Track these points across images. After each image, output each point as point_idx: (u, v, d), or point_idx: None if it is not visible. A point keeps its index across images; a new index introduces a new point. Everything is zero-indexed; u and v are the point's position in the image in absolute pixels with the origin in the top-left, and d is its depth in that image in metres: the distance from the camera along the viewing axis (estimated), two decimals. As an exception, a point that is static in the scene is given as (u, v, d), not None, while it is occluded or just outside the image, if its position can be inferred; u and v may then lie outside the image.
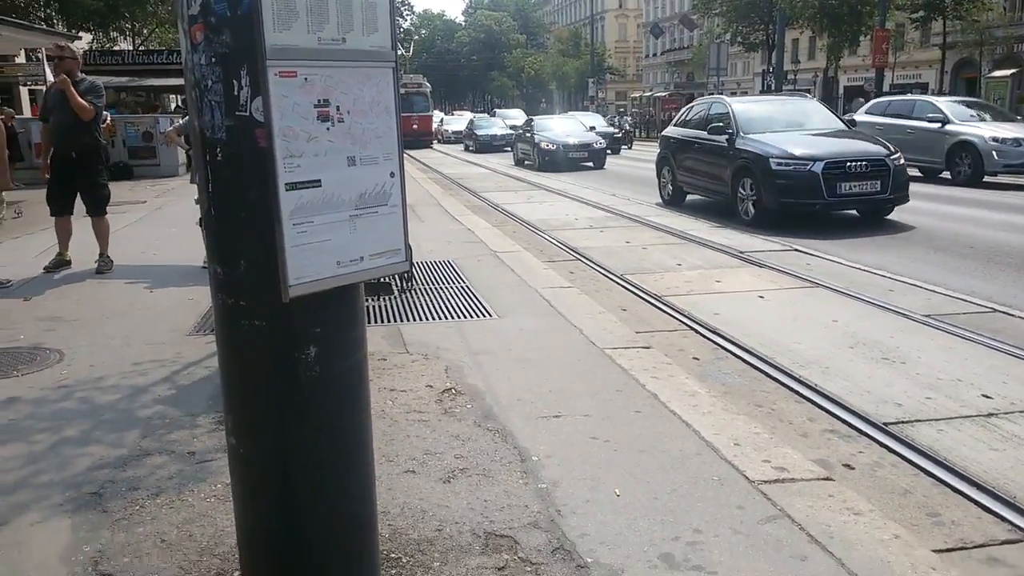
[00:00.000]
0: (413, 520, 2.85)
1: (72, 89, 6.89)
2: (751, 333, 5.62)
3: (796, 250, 8.86)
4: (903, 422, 4.08)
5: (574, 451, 3.45)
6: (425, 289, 6.54)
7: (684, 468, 3.30)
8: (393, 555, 2.60)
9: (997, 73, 22.52)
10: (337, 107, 1.90)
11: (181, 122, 7.77)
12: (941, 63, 33.69)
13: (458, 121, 44.99)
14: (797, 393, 4.50)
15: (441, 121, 45.41)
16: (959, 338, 5.43)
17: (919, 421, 4.09)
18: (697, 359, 5.15)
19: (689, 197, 13.25)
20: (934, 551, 2.80)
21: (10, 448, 3.45)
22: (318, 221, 1.90)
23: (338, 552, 2.16)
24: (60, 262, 7.29)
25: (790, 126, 11.57)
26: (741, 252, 8.70)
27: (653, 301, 6.62)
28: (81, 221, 7.46)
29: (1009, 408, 4.21)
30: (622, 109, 59.86)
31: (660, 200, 13.67)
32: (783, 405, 4.35)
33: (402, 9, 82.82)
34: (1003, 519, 3.13)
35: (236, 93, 1.82)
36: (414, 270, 6.87)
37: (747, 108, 12.20)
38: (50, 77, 9.13)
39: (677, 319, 6.06)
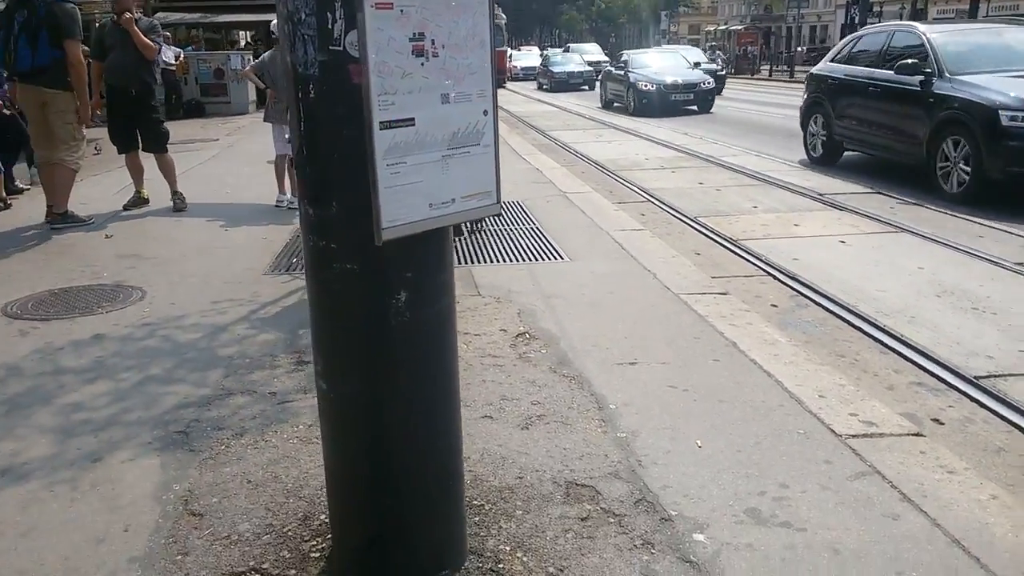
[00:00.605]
0: (493, 467, 2.84)
1: (136, 27, 6.91)
2: (832, 279, 5.43)
3: (880, 193, 8.50)
4: (995, 376, 3.90)
5: (652, 400, 3.39)
6: (495, 230, 6.48)
7: (767, 420, 3.21)
8: (476, 502, 2.60)
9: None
10: (432, 41, 1.82)
11: (261, 58, 7.74)
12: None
13: (529, 57, 43.11)
14: (881, 343, 4.34)
15: (510, 57, 42.83)
16: (1057, 288, 5.16)
17: (1013, 375, 3.91)
18: (776, 306, 5.01)
19: (847, 154, 10.44)
20: (1035, 514, 2.68)
21: (99, 385, 3.55)
22: (411, 161, 1.84)
23: (426, 497, 2.15)
24: (138, 200, 7.44)
25: (1012, 64, 8.38)
26: (821, 195, 8.39)
27: (728, 245, 6.44)
28: (151, 159, 7.56)
29: (1113, 363, 3.99)
30: (694, 43, 57.91)
31: (806, 157, 10.87)
32: (867, 356, 4.20)
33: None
34: (1108, 481, 2.98)
35: (330, 26, 1.76)
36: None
37: (951, 39, 9.05)
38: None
39: (754, 264, 5.89)
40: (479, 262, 5.61)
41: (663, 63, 20.80)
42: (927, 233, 6.62)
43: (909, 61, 8.77)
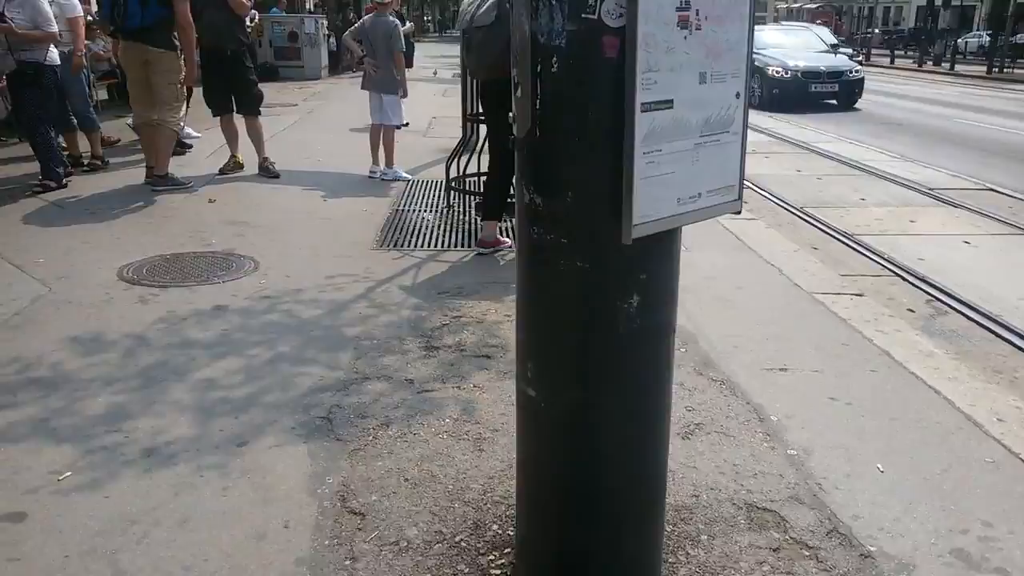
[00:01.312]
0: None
1: None
2: (966, 284, 5.09)
3: (992, 190, 8.04)
4: None
5: (815, 413, 3.15)
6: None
7: (948, 445, 2.95)
8: (659, 523, 2.40)
9: None
10: (697, 11, 1.59)
11: (360, 23, 7.54)
12: None
13: None
14: (1040, 360, 4.02)
15: None
16: None
17: None
18: (912, 311, 4.70)
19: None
20: None
21: (230, 361, 3.43)
22: (666, 150, 1.62)
23: (630, 523, 1.97)
24: (234, 165, 7.35)
25: None
26: (930, 189, 7.97)
27: (845, 240, 6.11)
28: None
29: None
30: (760, 20, 56.26)
31: None
32: (1027, 374, 3.90)
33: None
34: None
35: None
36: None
37: None
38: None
39: (878, 263, 5.56)
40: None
41: (794, 43, 16.86)
42: (1058, 238, 6.21)
43: None
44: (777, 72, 15.32)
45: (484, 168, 6.21)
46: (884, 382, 3.45)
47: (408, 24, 9.04)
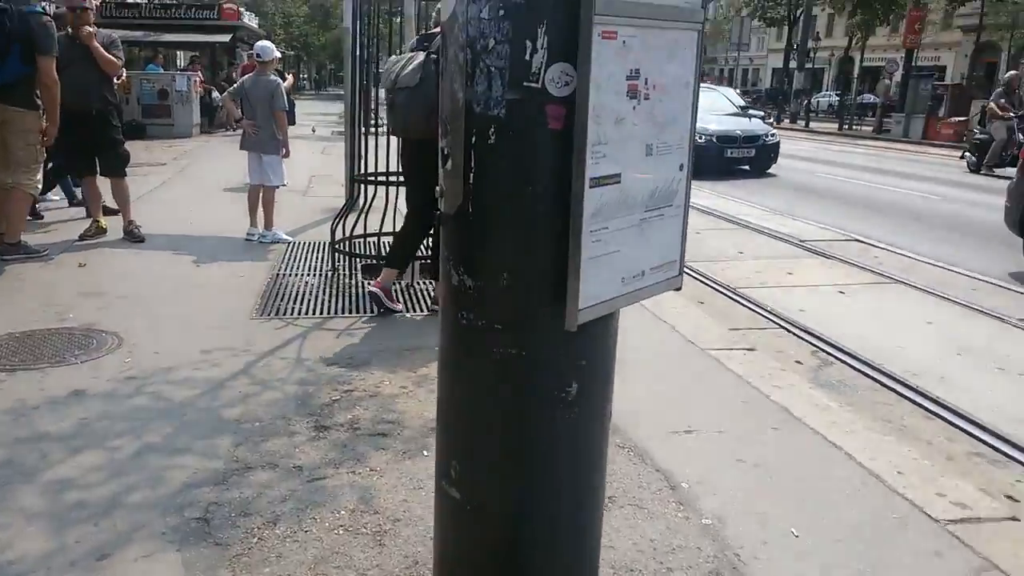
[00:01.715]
0: (580, 565, 2.47)
1: (96, 42, 6.39)
2: (847, 335, 5.24)
3: (858, 240, 8.48)
4: (1051, 446, 3.72)
5: (725, 477, 3.08)
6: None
7: (855, 502, 2.94)
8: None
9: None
10: (646, 79, 1.50)
11: (240, 83, 7.24)
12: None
13: None
14: (923, 408, 4.13)
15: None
16: (1071, 347, 5.09)
17: (1068, 445, 3.74)
18: (800, 363, 4.77)
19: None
20: None
21: (89, 456, 3.05)
22: (612, 227, 1.51)
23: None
24: (97, 230, 6.83)
25: None
26: (802, 241, 8.31)
27: (729, 294, 6.23)
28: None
29: None
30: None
31: None
32: (914, 422, 3.98)
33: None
34: None
35: (528, 57, 1.42)
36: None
37: None
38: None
39: (763, 316, 5.67)
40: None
41: (703, 105, 16.36)
42: (922, 286, 6.54)
43: None
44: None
45: (372, 229, 6.03)
46: (787, 440, 3.44)
47: (288, 78, 8.78)
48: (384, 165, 5.81)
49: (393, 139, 5.81)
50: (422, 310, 5.14)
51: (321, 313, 5.02)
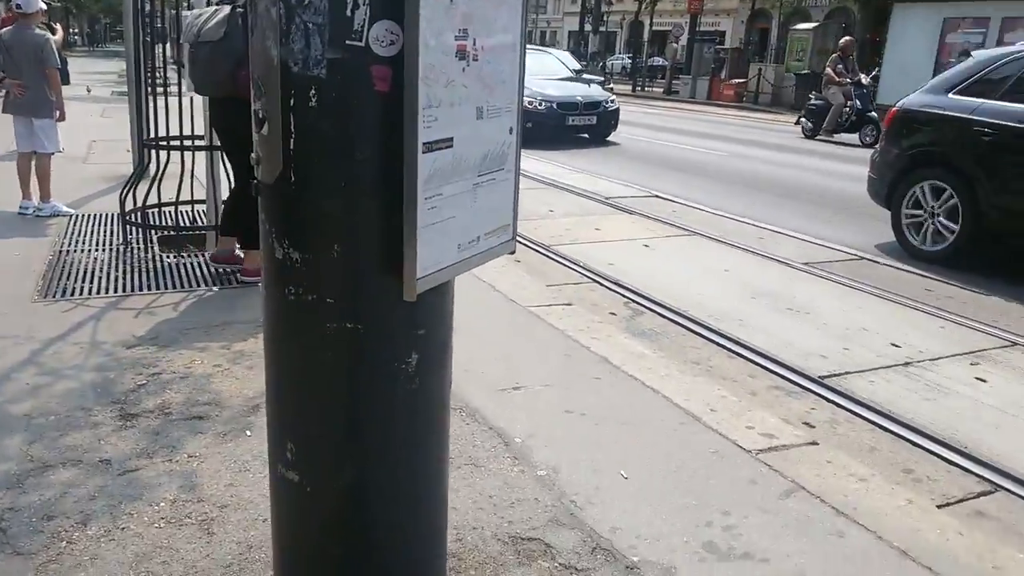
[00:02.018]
0: (423, 529, 2.44)
1: None
2: (654, 286, 5.53)
3: (657, 196, 8.95)
4: (835, 375, 4.13)
5: (555, 429, 3.16)
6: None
7: (676, 441, 3.11)
8: (429, 580, 2.20)
9: (801, 26, 24.10)
10: (474, 40, 1.43)
11: None
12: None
13: None
14: (727, 349, 4.44)
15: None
16: (843, 286, 5.66)
17: (848, 373, 4.16)
18: (614, 314, 4.98)
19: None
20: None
21: None
22: (447, 192, 1.45)
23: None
24: None
25: None
26: (607, 198, 8.65)
27: (543, 251, 6.38)
28: None
29: (919, 356, 4.40)
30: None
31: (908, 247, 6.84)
32: (719, 362, 4.28)
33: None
34: (968, 471, 3.21)
35: (349, 14, 1.32)
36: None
37: None
38: None
39: (576, 271, 5.86)
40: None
41: (538, 69, 13.81)
42: (717, 236, 7.02)
43: None
44: (531, 103, 12.75)
45: (166, 198, 5.58)
46: (609, 388, 3.57)
47: (57, 31, 7.81)
48: (178, 128, 5.38)
49: (186, 101, 5.42)
50: (228, 284, 4.85)
51: (115, 292, 4.61)
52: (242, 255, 4.98)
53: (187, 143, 5.40)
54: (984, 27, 17.46)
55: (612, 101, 14.11)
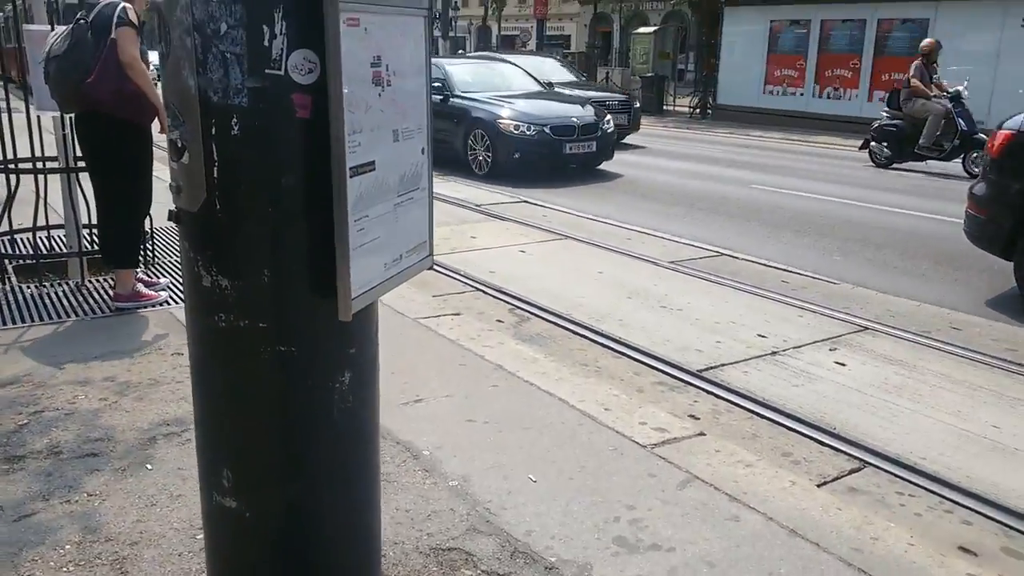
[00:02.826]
0: (346, 549, 2.46)
1: None
2: (536, 290, 5.70)
3: (525, 201, 9.17)
4: (711, 368, 4.41)
5: (461, 438, 3.24)
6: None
7: (576, 441, 3.26)
8: (360, 598, 2.22)
9: (641, 30, 25.31)
10: (387, 66, 1.50)
11: None
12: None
13: None
14: (612, 349, 4.65)
15: None
16: (708, 282, 6.03)
17: (724, 365, 4.46)
18: (501, 322, 5.10)
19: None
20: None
21: None
22: (372, 214, 1.51)
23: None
24: None
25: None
26: (478, 206, 8.79)
27: (423, 262, 6.42)
28: None
29: (784, 345, 4.76)
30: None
31: None
32: (606, 362, 4.48)
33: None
34: (839, 451, 3.52)
35: (267, 43, 1.36)
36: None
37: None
38: None
39: (459, 280, 5.94)
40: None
41: (513, 85, 12.28)
42: (587, 239, 7.29)
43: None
44: (516, 128, 10.63)
45: (20, 224, 5.25)
46: (507, 394, 3.69)
47: None
48: (28, 150, 5.08)
49: (35, 119, 5.12)
50: (101, 312, 4.62)
51: (-26, 327, 4.30)
52: (147, 291, 4.75)
53: (39, 164, 5.10)
54: (806, 28, 18.86)
55: (608, 121, 11.45)
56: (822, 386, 4.15)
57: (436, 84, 11.13)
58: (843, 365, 4.44)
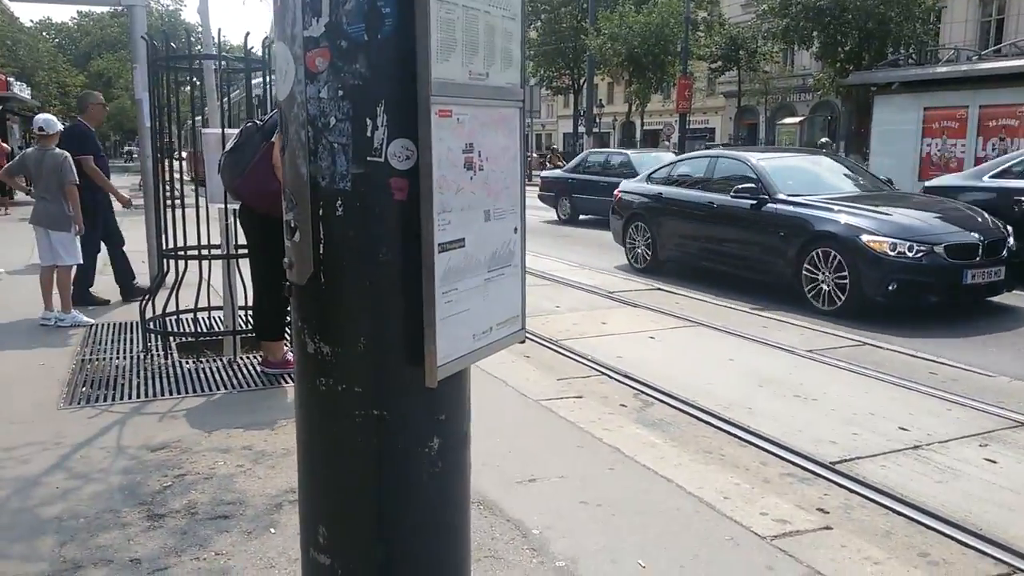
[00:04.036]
0: (448, 621, 2.49)
1: None
2: (662, 376, 5.63)
3: (659, 289, 9.12)
4: (846, 460, 4.18)
5: (572, 520, 3.22)
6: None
7: (691, 529, 3.16)
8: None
9: (787, 120, 25.17)
10: (479, 152, 1.62)
11: (22, 155, 6.75)
12: (736, 110, 36.89)
13: None
14: (738, 437, 4.51)
15: None
16: (849, 372, 5.74)
17: (860, 458, 4.22)
18: (624, 405, 5.07)
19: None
20: (955, 595, 2.83)
21: None
22: (461, 288, 1.61)
23: None
24: None
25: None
26: (610, 292, 8.84)
27: (552, 346, 6.50)
28: None
29: (928, 439, 4.45)
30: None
31: None
32: (731, 450, 4.34)
33: None
34: (984, 553, 3.24)
35: (369, 134, 1.50)
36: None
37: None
38: None
39: (585, 364, 5.97)
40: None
41: (843, 186, 9.26)
42: (720, 326, 7.15)
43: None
44: (893, 250, 7.38)
45: (185, 305, 5.77)
46: (622, 478, 3.64)
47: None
48: (196, 239, 5.62)
49: (203, 211, 5.68)
50: (248, 386, 4.97)
51: (138, 397, 4.73)
52: (290, 357, 5.13)
53: (204, 252, 5.63)
54: (964, 112, 17.98)
55: (1011, 240, 7.97)
56: (969, 484, 3.84)
57: (744, 187, 8.86)
58: (994, 463, 4.10)
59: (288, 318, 5.25)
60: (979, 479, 3.90)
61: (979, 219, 8.21)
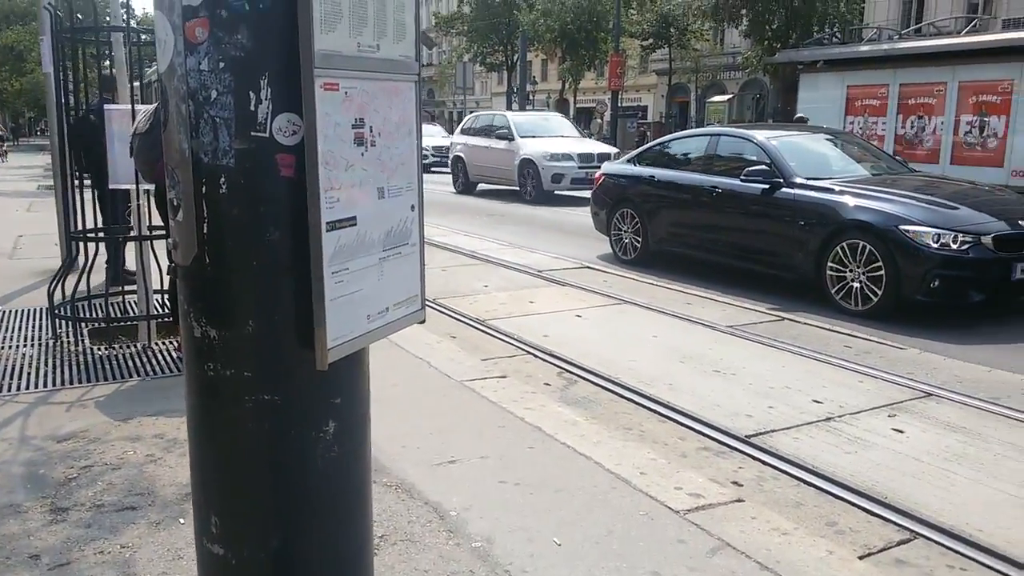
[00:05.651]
0: (360, 607, 2.46)
1: None
2: (586, 354, 5.68)
3: (587, 267, 9.19)
4: (760, 433, 4.29)
5: (490, 500, 3.22)
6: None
7: (607, 505, 3.20)
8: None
9: (717, 98, 25.54)
10: (370, 128, 1.58)
11: None
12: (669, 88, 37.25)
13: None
14: (657, 413, 4.58)
15: None
16: (766, 347, 5.89)
17: (773, 431, 4.33)
18: (548, 384, 5.10)
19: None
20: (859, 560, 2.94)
21: None
22: (352, 267, 1.57)
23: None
24: None
25: None
26: (539, 271, 8.86)
27: (478, 326, 6.49)
28: None
29: (840, 411, 4.59)
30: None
31: None
32: (650, 426, 4.41)
33: None
34: (888, 520, 3.36)
35: (253, 108, 1.44)
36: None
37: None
38: None
39: (511, 344, 5.98)
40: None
41: (857, 169, 8.40)
42: (646, 304, 7.24)
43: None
44: (936, 240, 6.45)
45: (96, 290, 5.56)
46: (542, 456, 3.66)
47: None
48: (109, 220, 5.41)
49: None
50: (163, 372, 4.82)
51: (45, 386, 4.54)
52: None
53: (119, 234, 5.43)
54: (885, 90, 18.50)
55: None
56: (877, 454, 3.98)
57: (755, 169, 7.85)
58: (901, 432, 4.26)
59: None
60: (886, 449, 4.04)
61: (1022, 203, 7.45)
